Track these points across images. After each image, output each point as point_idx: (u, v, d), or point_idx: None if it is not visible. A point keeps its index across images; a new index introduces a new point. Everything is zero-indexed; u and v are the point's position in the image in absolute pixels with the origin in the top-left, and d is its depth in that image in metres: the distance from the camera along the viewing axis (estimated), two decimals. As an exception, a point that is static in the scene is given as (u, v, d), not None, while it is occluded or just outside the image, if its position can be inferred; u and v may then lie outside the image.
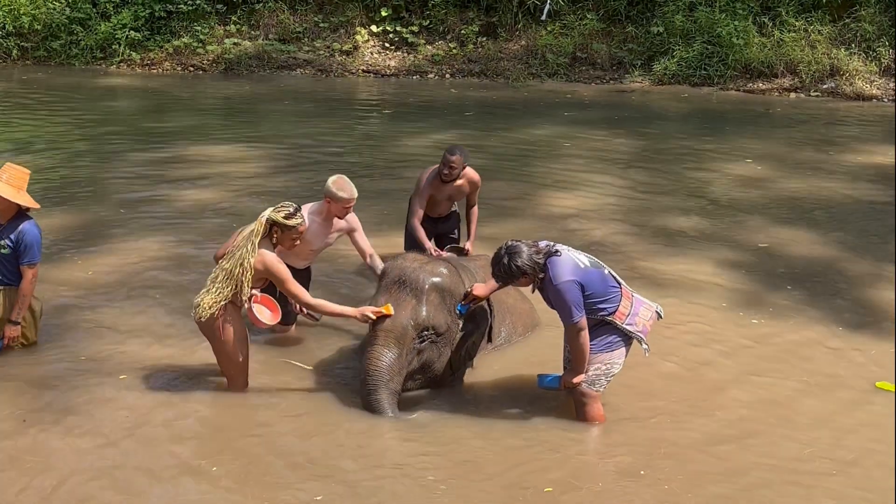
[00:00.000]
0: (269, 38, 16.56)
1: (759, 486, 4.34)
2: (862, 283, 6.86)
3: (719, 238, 7.81)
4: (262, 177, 9.50)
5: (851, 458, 4.57)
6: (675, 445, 4.64)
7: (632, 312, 4.71)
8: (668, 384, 5.26)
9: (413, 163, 9.70)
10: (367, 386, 4.78)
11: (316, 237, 5.56)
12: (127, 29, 16.38)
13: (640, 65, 15.51)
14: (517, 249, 4.53)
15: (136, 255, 7.13)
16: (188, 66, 16.34)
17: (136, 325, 5.92)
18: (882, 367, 5.48)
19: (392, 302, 4.86)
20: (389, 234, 7.17)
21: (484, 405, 5.01)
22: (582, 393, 4.73)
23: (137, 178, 9.39)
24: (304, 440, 4.65)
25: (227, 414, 4.93)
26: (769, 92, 14.66)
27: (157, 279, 6.69)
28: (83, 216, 8.13)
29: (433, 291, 4.90)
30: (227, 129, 11.94)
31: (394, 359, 4.78)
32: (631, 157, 10.59)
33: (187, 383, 5.17)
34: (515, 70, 15.63)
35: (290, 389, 5.14)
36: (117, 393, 5.05)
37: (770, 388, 5.26)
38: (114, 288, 6.52)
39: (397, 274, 4.95)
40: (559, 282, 4.51)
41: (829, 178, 9.78)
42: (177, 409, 4.91)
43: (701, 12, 15.13)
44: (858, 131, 12.31)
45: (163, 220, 8.05)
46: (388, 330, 4.81)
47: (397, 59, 16.33)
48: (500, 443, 4.63)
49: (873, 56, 14.77)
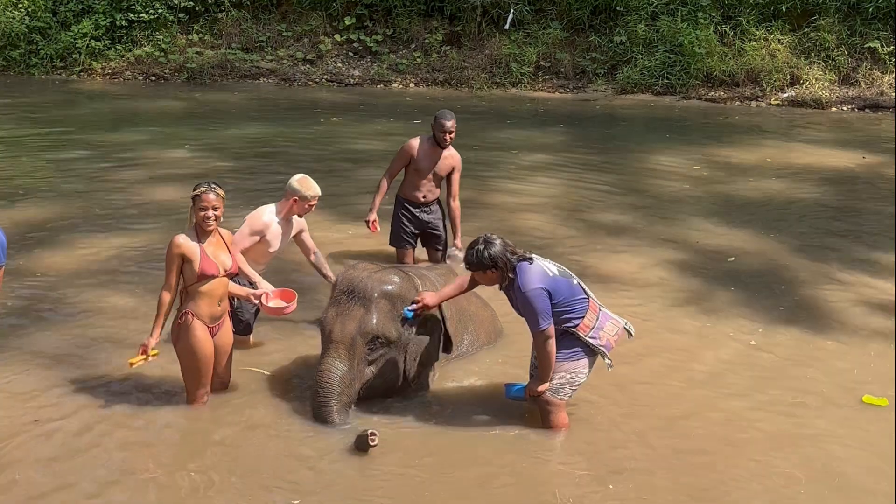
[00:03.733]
0: (231, 47, 16.47)
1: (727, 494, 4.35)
2: (804, 283, 6.93)
3: (662, 238, 7.90)
4: (217, 177, 9.49)
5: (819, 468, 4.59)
6: (641, 453, 4.64)
7: (596, 326, 4.70)
8: (627, 390, 5.26)
9: (366, 162, 9.89)
10: (318, 398, 4.76)
11: (276, 238, 5.52)
12: (88, 38, 16.22)
13: (604, 74, 15.60)
14: (493, 241, 4.61)
15: (89, 255, 7.16)
16: (150, 76, 16.20)
17: (99, 323, 5.93)
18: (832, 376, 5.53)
19: (342, 313, 4.83)
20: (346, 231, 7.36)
21: (447, 415, 4.96)
22: (547, 401, 4.73)
23: (92, 181, 9.44)
24: (260, 450, 4.59)
25: (186, 424, 4.86)
26: (731, 100, 14.82)
27: (114, 279, 6.72)
28: (37, 216, 8.15)
29: (382, 299, 4.87)
30: (184, 135, 11.91)
31: (344, 370, 4.75)
32: (583, 162, 10.72)
33: (150, 392, 5.10)
34: (479, 79, 15.66)
35: (248, 398, 5.07)
36: (79, 397, 4.99)
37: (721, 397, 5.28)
38: (67, 288, 6.51)
39: (346, 285, 4.92)
40: (528, 289, 4.52)
41: (776, 181, 9.95)
42: (140, 416, 4.85)
43: (663, 21, 15.25)
44: (812, 136, 12.52)
45: (119, 220, 8.11)
46: (337, 341, 4.79)
47: (361, 68, 16.29)
48: (461, 453, 4.60)
49: (832, 65, 14.96)
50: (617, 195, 9.29)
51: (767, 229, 8.19)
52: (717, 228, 8.21)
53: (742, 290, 6.75)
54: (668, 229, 8.16)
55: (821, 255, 7.53)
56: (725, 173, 10.29)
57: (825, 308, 6.47)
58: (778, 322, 6.21)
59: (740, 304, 6.51)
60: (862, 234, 8.15)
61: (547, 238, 7.69)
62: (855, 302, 6.59)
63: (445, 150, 6.52)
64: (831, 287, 6.85)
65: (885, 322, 6.20)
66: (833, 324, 6.21)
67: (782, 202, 9.15)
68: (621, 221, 8.39)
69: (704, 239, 7.89)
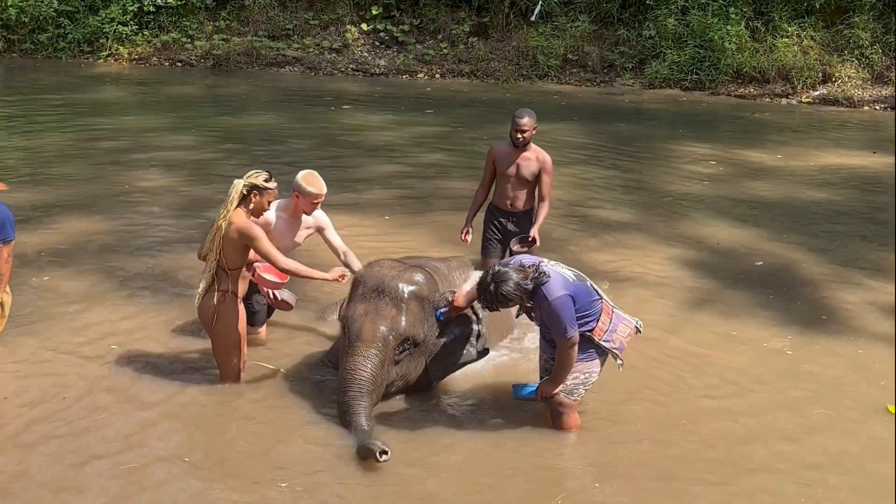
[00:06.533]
0: (258, 35, 16.44)
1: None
2: (829, 288, 6.76)
3: (681, 237, 7.76)
4: (218, 166, 9.60)
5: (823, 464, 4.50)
6: (656, 455, 4.55)
7: (610, 329, 4.62)
8: (642, 391, 5.16)
9: (381, 154, 9.87)
10: (347, 397, 4.62)
11: (283, 234, 5.40)
12: (115, 23, 16.26)
13: (632, 68, 15.43)
14: (504, 276, 4.42)
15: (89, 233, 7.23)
16: (176, 62, 16.21)
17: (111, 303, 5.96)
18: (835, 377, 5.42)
19: (371, 311, 4.73)
20: (363, 227, 7.27)
21: (455, 416, 4.88)
22: (559, 402, 4.64)
23: (104, 164, 9.48)
24: (275, 446, 4.52)
25: (203, 409, 4.84)
26: (760, 97, 14.62)
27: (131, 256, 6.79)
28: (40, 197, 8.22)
29: (413, 301, 4.79)
30: (203, 121, 11.92)
31: (375, 370, 4.65)
32: (604, 158, 10.58)
33: (171, 370, 5.15)
34: (506, 71, 15.54)
35: (261, 392, 5.01)
36: (101, 373, 5.06)
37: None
38: (79, 266, 6.58)
39: (376, 282, 4.82)
40: (553, 297, 4.41)
41: (802, 181, 9.76)
42: (159, 393, 4.89)
43: (693, 16, 15.05)
44: (839, 136, 12.29)
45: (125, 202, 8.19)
46: (369, 340, 4.68)
47: (387, 58, 16.22)
48: (472, 456, 4.52)
49: (866, 63, 14.70)
50: (636, 193, 9.14)
51: (791, 231, 8.02)
52: (740, 229, 8.05)
53: (765, 293, 6.60)
54: (689, 228, 8.01)
55: (845, 260, 7.35)
56: (750, 172, 10.12)
57: (850, 314, 6.30)
58: (802, 326, 6.05)
59: (763, 307, 6.36)
60: (883, 238, 7.94)
61: (559, 238, 7.50)
62: (877, 307, 6.42)
63: (526, 151, 6.14)
64: (856, 293, 6.67)
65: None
66: (856, 331, 6.05)
67: (807, 203, 8.97)
68: (638, 219, 8.24)
69: (726, 239, 7.73)
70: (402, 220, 7.99)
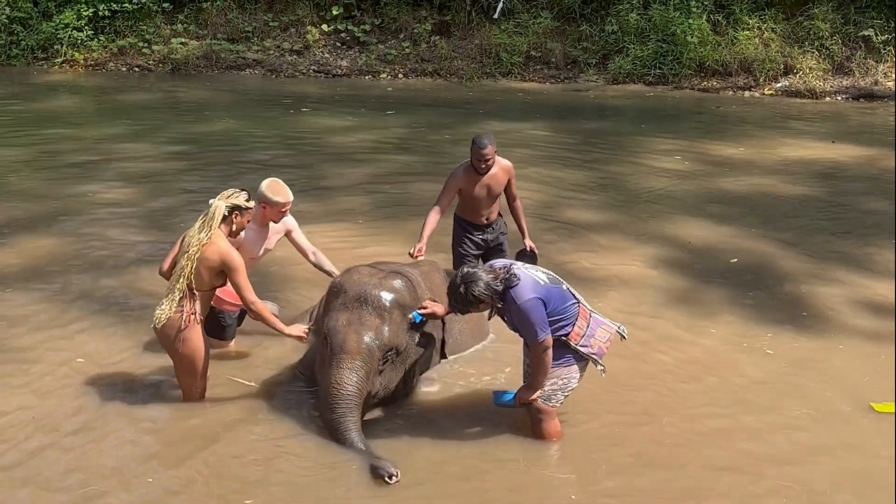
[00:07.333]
0: (217, 38, 16.21)
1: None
2: (802, 284, 6.74)
3: (652, 236, 7.69)
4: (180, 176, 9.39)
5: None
6: (638, 462, 4.49)
7: (587, 333, 4.54)
8: (621, 396, 5.09)
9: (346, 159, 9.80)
10: (334, 413, 4.49)
11: (254, 245, 5.33)
12: (70, 28, 15.95)
13: (595, 64, 15.40)
14: (474, 277, 4.35)
15: (42, 251, 7.07)
16: (133, 67, 15.94)
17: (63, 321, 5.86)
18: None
19: (355, 321, 4.61)
20: (336, 235, 7.16)
21: (435, 425, 4.78)
22: (538, 409, 4.56)
23: (61, 178, 9.24)
24: (251, 464, 4.42)
25: (172, 428, 4.74)
26: (724, 90, 14.64)
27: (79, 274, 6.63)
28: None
29: (395, 309, 4.70)
30: (163, 129, 11.67)
31: (361, 383, 4.54)
32: (569, 157, 10.48)
33: (133, 391, 5.05)
34: (469, 69, 15.44)
35: (236, 408, 4.90)
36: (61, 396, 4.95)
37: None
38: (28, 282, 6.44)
39: (357, 291, 4.70)
40: (522, 300, 4.32)
41: (768, 174, 9.74)
42: (125, 416, 4.78)
43: (655, 10, 15.05)
44: (805, 128, 12.31)
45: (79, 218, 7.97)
46: (354, 351, 4.56)
47: (349, 59, 16.06)
48: (455, 466, 4.44)
49: (826, 54, 14.79)
50: (605, 191, 9.06)
51: (762, 226, 7.99)
52: (709, 225, 7.99)
53: (742, 290, 6.56)
54: (661, 226, 7.94)
55: (818, 254, 7.33)
56: (718, 166, 10.09)
57: (826, 310, 6.27)
58: (782, 324, 6.01)
59: (741, 305, 6.32)
60: (854, 231, 7.95)
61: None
62: (855, 303, 6.40)
63: (488, 171, 5.95)
64: (828, 288, 6.64)
65: (887, 324, 6.01)
66: (837, 327, 6.02)
67: (775, 197, 8.94)
68: (608, 219, 8.16)
69: (696, 236, 7.68)
70: (375, 226, 7.87)
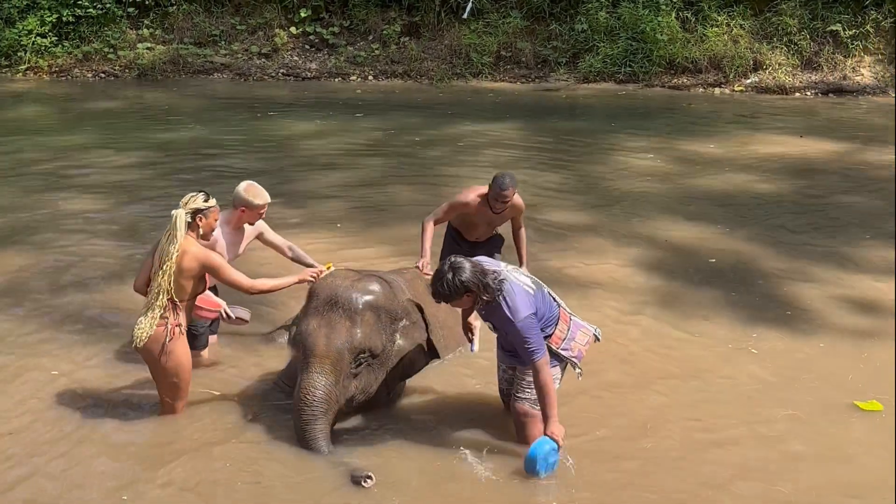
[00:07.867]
0: (184, 42, 16.01)
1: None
2: (782, 282, 6.73)
3: (629, 237, 7.66)
4: (155, 183, 9.24)
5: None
6: (623, 466, 4.46)
7: (568, 337, 4.52)
8: (604, 399, 5.08)
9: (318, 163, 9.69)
10: (302, 418, 4.45)
11: (229, 248, 5.27)
12: (33, 35, 15.71)
13: (565, 63, 15.38)
14: (461, 265, 4.28)
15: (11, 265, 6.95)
16: (99, 73, 15.72)
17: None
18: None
19: (324, 324, 4.54)
20: (316, 243, 7.05)
21: (422, 433, 4.73)
22: (524, 412, 4.55)
23: (28, 190, 9.01)
24: (230, 477, 4.34)
25: (149, 442, 4.66)
26: (694, 87, 14.67)
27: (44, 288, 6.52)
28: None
29: (367, 311, 4.62)
30: (131, 136, 11.50)
31: (330, 387, 4.47)
32: (542, 157, 10.43)
33: (111, 407, 4.97)
34: (439, 70, 15.37)
35: (212, 421, 4.81)
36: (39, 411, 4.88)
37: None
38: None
39: (328, 294, 4.63)
40: (519, 319, 4.27)
41: (741, 172, 9.75)
42: (101, 432, 4.72)
43: (624, 9, 15.05)
44: (775, 124, 12.34)
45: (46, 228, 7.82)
46: (322, 355, 4.49)
47: (318, 61, 15.93)
48: (443, 473, 4.40)
49: (795, 49, 14.86)
50: (578, 192, 9.02)
51: (738, 224, 7.99)
52: (686, 225, 7.98)
53: (724, 290, 6.55)
54: (638, 227, 7.91)
55: (796, 252, 7.33)
56: (690, 165, 10.08)
57: (807, 308, 6.28)
58: (765, 323, 6.01)
59: (723, 305, 6.31)
60: (832, 227, 7.99)
61: (509, 244, 7.34)
62: (835, 300, 6.42)
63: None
64: (809, 285, 6.66)
65: (869, 321, 6.05)
66: (818, 325, 6.03)
67: (749, 194, 8.95)
68: (584, 220, 8.13)
69: (673, 236, 7.66)
70: (352, 231, 7.78)
